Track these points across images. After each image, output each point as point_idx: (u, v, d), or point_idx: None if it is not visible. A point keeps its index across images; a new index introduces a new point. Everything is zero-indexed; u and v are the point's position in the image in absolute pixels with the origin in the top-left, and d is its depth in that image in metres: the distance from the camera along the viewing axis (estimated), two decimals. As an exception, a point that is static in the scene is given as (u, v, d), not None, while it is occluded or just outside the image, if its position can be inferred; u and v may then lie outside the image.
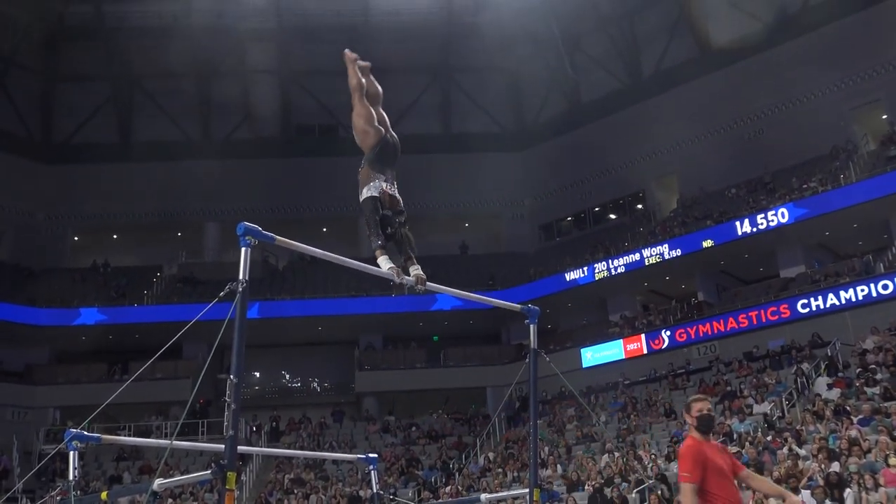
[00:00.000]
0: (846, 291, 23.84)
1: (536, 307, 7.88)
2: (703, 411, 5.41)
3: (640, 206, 34.78)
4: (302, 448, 25.82)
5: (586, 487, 17.88)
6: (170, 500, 21.47)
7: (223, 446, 4.86)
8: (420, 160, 32.63)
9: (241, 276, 5.03)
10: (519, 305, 7.88)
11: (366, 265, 6.60)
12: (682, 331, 27.17)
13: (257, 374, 34.13)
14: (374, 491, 8.48)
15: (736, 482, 5.45)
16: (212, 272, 32.46)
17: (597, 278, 29.48)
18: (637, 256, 28.67)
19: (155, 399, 28.66)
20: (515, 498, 16.50)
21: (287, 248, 6.14)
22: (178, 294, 31.99)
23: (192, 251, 35.58)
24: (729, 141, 31.39)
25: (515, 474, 20.63)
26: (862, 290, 23.49)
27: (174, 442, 6.37)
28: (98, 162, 35.11)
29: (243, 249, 5.13)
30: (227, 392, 4.81)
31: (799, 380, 20.61)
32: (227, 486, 4.66)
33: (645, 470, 17.91)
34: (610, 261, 29.26)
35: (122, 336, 30.93)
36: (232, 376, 4.80)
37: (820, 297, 24.26)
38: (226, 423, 4.81)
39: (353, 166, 6.55)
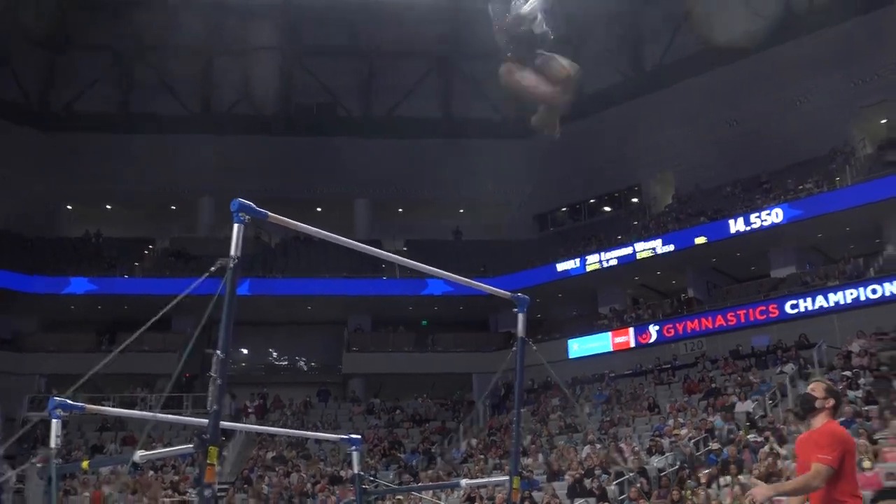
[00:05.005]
0: (835, 294, 23.96)
1: (526, 296, 7.88)
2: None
3: (635, 200, 34.76)
4: (286, 426, 25.86)
5: (566, 477, 17.98)
6: (151, 472, 21.51)
7: (206, 420, 4.85)
8: (419, 144, 32.94)
9: (233, 252, 4.99)
10: (509, 293, 7.87)
11: (359, 245, 6.58)
12: (670, 326, 27.27)
13: (245, 351, 34.13)
14: (356, 472, 8.48)
15: None
16: (204, 247, 32.38)
17: (588, 270, 29.54)
18: (629, 250, 28.72)
19: (141, 371, 28.57)
20: (495, 485, 16.65)
21: (280, 227, 6.07)
22: (169, 267, 31.93)
23: (186, 225, 35.50)
24: (727, 138, 31.29)
25: (497, 461, 20.73)
26: (851, 294, 23.61)
27: (158, 414, 6.36)
28: (95, 131, 34.75)
29: (236, 225, 5.08)
30: (213, 367, 4.79)
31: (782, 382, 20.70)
32: (208, 461, 4.66)
33: (626, 462, 18.02)
34: (602, 253, 29.31)
35: (112, 307, 30.90)
36: (219, 352, 4.79)
37: (809, 299, 24.39)
38: (210, 398, 4.80)
39: (351, 147, 6.50)
